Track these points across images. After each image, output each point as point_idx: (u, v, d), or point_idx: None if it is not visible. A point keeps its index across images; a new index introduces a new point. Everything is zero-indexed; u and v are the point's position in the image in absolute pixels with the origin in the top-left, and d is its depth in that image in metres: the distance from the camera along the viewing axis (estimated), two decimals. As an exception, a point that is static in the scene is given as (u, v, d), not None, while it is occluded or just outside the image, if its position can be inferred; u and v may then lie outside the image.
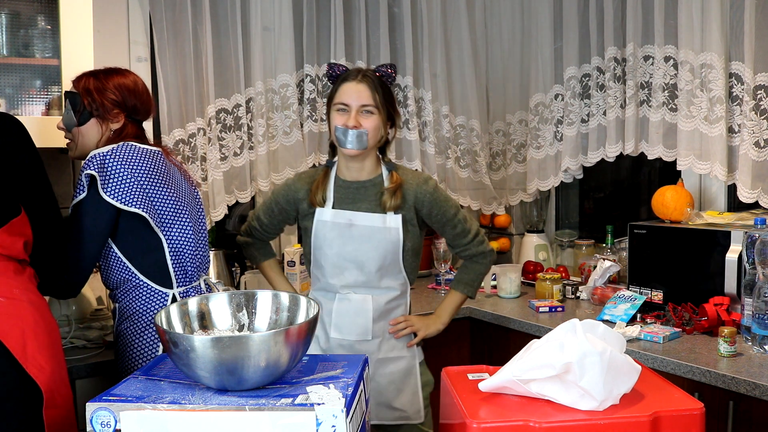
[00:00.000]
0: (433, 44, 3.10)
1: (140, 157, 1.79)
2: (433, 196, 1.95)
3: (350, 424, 1.14)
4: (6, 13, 2.11)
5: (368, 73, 1.91)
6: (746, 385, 1.72)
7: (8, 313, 1.52)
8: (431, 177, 2.02)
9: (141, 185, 1.77)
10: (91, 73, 1.88)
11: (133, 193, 1.75)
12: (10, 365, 1.50)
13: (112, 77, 1.87)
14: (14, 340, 1.51)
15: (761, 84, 2.29)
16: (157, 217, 1.80)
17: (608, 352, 1.23)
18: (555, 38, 2.99)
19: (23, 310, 1.55)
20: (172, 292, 1.84)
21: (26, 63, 2.13)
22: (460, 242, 2.04)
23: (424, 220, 2.00)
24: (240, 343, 1.16)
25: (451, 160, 3.20)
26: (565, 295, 2.72)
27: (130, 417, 1.14)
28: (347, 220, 1.94)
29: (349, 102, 1.87)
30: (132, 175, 1.75)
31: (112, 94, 1.84)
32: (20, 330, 1.52)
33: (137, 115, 1.90)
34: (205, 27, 2.61)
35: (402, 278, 2.00)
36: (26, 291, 1.59)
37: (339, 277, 1.97)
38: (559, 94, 3.00)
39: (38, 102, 2.14)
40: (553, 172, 3.05)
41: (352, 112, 1.87)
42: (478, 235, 2.06)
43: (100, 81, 1.85)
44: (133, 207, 1.75)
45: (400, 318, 2.01)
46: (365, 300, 1.96)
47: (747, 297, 1.99)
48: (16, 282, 1.58)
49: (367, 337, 1.96)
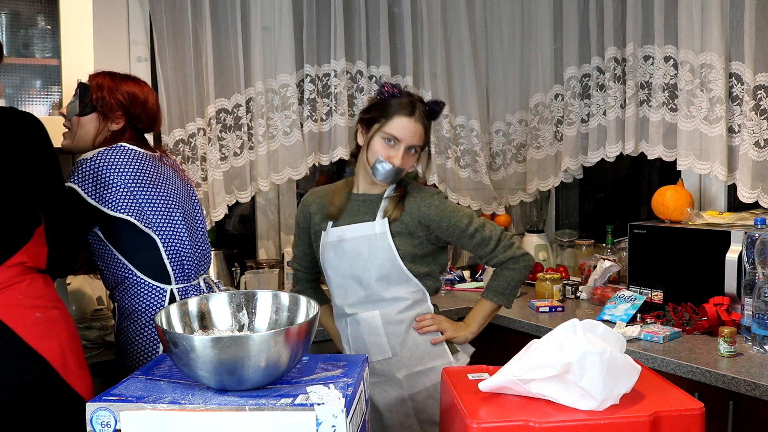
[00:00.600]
0: (433, 44, 3.10)
1: (128, 159, 1.80)
2: (439, 208, 1.86)
3: (350, 424, 1.14)
4: (6, 13, 2.11)
5: (423, 110, 1.86)
6: (746, 385, 1.72)
7: (46, 328, 1.51)
8: (440, 191, 1.95)
9: (127, 188, 1.78)
10: (109, 73, 1.90)
11: (117, 197, 1.76)
12: (55, 382, 1.50)
13: (127, 83, 1.89)
14: (55, 355, 1.50)
15: (761, 84, 2.29)
16: (145, 218, 1.80)
17: (608, 352, 1.23)
18: (555, 38, 3.00)
19: (58, 324, 1.55)
20: (170, 288, 1.84)
21: (26, 63, 2.13)
22: (484, 252, 1.90)
23: (439, 237, 1.89)
24: (240, 343, 1.16)
25: (451, 160, 3.20)
26: (565, 295, 2.72)
27: (130, 417, 1.14)
28: (338, 237, 1.89)
29: (402, 138, 1.81)
30: (118, 179, 1.77)
31: (120, 96, 1.86)
32: (59, 345, 1.52)
33: (139, 124, 1.91)
34: (205, 27, 2.61)
35: (414, 285, 1.88)
36: (56, 302, 1.59)
37: (344, 297, 1.91)
38: (559, 94, 3.00)
39: (38, 102, 2.14)
40: (553, 172, 3.05)
41: (401, 150, 1.81)
42: (502, 240, 1.90)
43: (114, 82, 1.87)
44: (117, 212, 1.76)
45: (427, 315, 1.90)
46: (373, 317, 1.87)
47: (747, 297, 1.99)
48: (48, 294, 1.58)
49: (387, 355, 1.88)
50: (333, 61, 2.85)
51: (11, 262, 1.50)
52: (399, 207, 1.87)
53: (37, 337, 1.49)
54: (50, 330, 1.52)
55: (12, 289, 1.49)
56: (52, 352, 1.50)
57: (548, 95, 3.03)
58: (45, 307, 1.54)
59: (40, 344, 1.49)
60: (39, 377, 1.47)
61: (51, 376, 1.49)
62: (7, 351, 1.45)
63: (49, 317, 1.53)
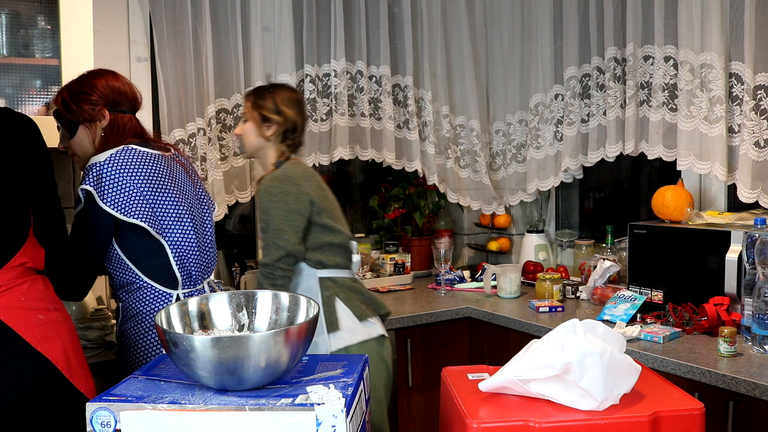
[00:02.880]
0: (433, 44, 3.10)
1: (140, 163, 1.79)
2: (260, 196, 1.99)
3: (350, 424, 1.14)
4: (6, 13, 2.10)
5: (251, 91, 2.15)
6: (746, 385, 1.72)
7: (49, 330, 1.52)
8: (279, 179, 1.99)
9: (141, 192, 1.76)
10: (64, 86, 1.88)
11: (133, 203, 1.75)
12: (60, 383, 1.51)
13: (82, 80, 1.86)
14: (59, 356, 1.52)
15: (761, 84, 2.29)
16: (158, 224, 1.80)
17: (608, 352, 1.23)
18: (555, 38, 2.99)
19: (60, 326, 1.56)
20: (176, 293, 1.84)
21: (26, 63, 2.13)
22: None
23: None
24: (240, 343, 1.16)
25: (451, 160, 3.20)
26: (565, 295, 2.72)
27: (130, 417, 1.14)
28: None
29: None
30: (131, 183, 1.75)
31: (83, 95, 1.82)
32: (62, 346, 1.53)
33: (121, 107, 1.86)
34: (205, 27, 2.61)
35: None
36: (57, 304, 1.60)
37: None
38: (559, 94, 3.00)
39: (38, 102, 2.14)
40: (553, 172, 3.05)
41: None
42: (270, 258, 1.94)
43: (70, 89, 1.85)
44: (131, 218, 1.75)
45: None
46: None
47: (747, 297, 1.99)
48: (48, 296, 1.59)
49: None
50: (333, 61, 2.85)
51: (13, 264, 1.51)
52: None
53: (41, 339, 1.50)
54: (53, 332, 1.53)
55: (13, 292, 1.50)
56: (56, 353, 1.51)
57: (548, 95, 3.03)
58: (46, 309, 1.55)
59: (44, 346, 1.50)
60: (43, 378, 1.48)
61: (55, 376, 1.50)
62: (11, 353, 1.45)
63: (51, 319, 1.54)
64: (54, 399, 1.50)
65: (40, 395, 1.47)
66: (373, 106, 2.98)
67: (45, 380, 1.49)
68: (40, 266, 1.60)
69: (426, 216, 3.29)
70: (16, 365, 1.45)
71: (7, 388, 1.43)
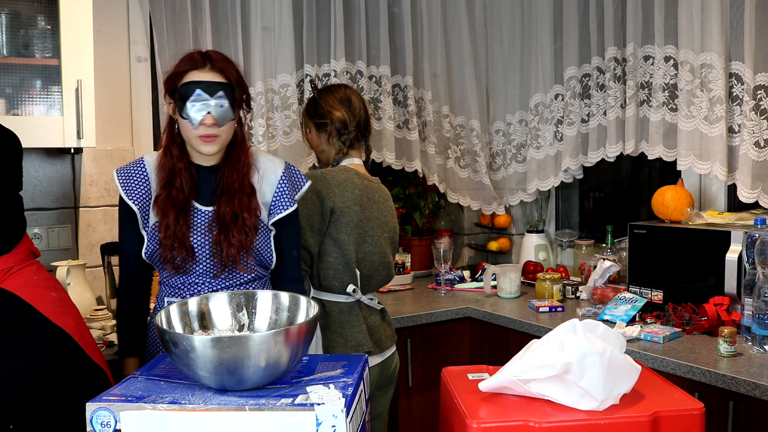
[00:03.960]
0: (433, 44, 3.10)
1: None
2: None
3: (350, 424, 1.14)
4: (6, 13, 2.10)
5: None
6: (746, 385, 1.72)
7: (62, 306, 1.62)
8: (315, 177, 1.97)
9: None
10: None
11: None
12: (77, 355, 1.59)
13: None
14: (74, 330, 1.60)
15: (761, 84, 2.29)
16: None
17: (608, 352, 1.23)
18: (555, 38, 2.99)
19: (69, 303, 1.67)
20: None
21: (26, 63, 2.13)
22: None
23: None
24: (240, 343, 1.16)
25: (451, 160, 3.20)
26: (565, 295, 2.72)
27: (130, 417, 1.14)
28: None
29: None
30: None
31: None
32: (75, 320, 1.63)
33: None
34: (205, 27, 2.61)
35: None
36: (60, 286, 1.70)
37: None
38: (559, 94, 3.00)
39: (38, 102, 2.14)
40: (553, 172, 3.05)
41: None
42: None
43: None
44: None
45: None
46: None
47: (747, 297, 1.99)
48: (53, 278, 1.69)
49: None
50: (333, 61, 2.85)
51: (20, 248, 1.60)
52: None
53: (57, 314, 1.58)
54: (65, 308, 1.62)
55: (26, 271, 1.59)
56: (71, 326, 1.60)
57: (548, 95, 3.03)
58: (55, 287, 1.65)
59: (60, 320, 1.58)
60: (62, 349, 1.57)
61: (73, 347, 1.58)
62: (34, 328, 1.54)
63: (61, 296, 1.64)
64: (74, 369, 1.58)
65: (61, 366, 1.56)
66: (373, 106, 2.98)
67: (65, 351, 1.57)
68: (38, 253, 1.69)
69: (426, 216, 3.29)
70: (38, 338, 1.54)
71: (32, 361, 1.51)
